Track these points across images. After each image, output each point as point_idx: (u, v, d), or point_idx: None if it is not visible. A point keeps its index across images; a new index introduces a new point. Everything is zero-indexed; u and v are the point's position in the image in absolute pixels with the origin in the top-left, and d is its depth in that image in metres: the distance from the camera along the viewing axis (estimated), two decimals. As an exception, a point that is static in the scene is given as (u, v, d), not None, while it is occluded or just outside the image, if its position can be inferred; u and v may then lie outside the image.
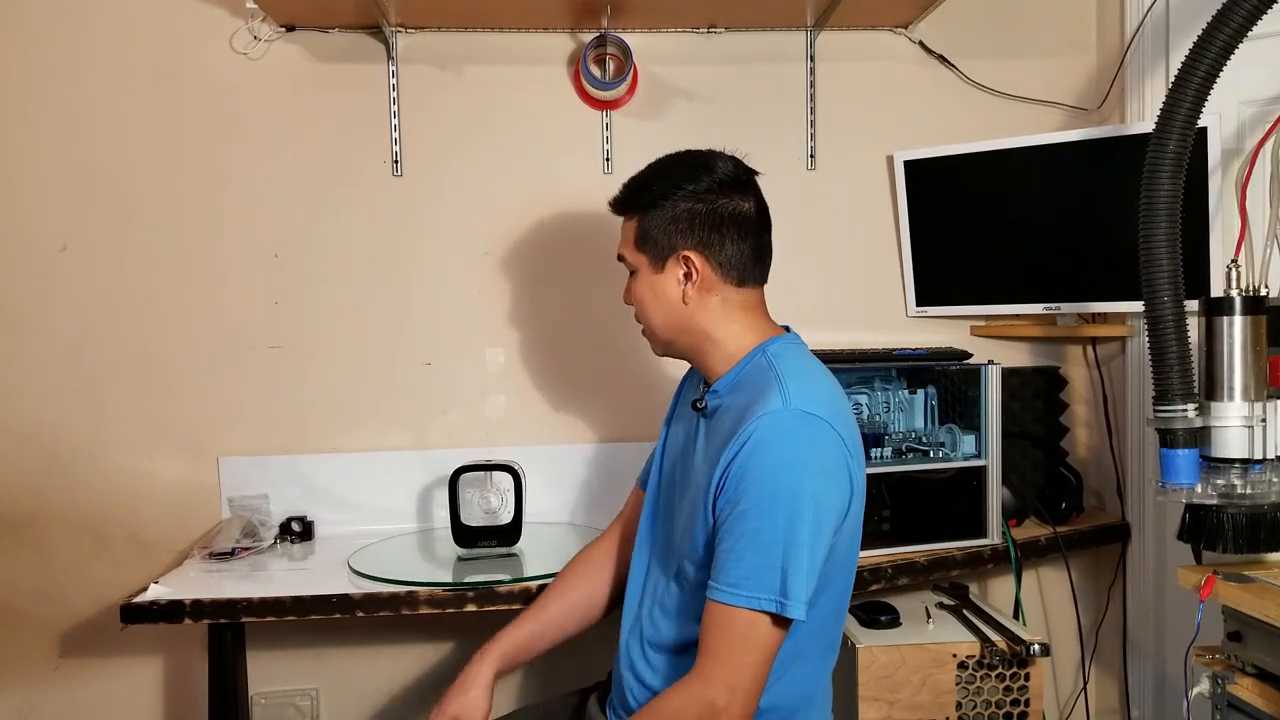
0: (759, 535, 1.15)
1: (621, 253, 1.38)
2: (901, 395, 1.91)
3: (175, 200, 2.04)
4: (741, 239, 1.32)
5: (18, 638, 2.04)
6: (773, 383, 1.22)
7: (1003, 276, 2.09)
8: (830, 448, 1.19)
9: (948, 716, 1.66)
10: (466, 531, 1.80)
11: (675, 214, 1.31)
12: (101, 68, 2.02)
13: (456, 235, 2.10)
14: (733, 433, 1.20)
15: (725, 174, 1.33)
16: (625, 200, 1.37)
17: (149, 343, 2.05)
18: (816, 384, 1.26)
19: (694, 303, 1.31)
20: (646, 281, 1.34)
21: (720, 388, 1.31)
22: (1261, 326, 1.30)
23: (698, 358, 1.36)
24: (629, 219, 1.36)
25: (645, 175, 1.37)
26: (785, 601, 1.14)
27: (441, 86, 2.09)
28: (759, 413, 1.18)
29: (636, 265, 1.35)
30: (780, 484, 1.16)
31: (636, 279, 1.36)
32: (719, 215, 1.31)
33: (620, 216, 1.39)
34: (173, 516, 2.05)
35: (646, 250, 1.33)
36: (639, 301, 1.36)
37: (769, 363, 1.27)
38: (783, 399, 1.19)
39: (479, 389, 2.12)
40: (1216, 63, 1.30)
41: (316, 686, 2.11)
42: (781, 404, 1.18)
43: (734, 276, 1.32)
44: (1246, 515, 1.30)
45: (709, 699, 1.15)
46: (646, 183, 1.35)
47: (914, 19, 2.12)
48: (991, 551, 1.81)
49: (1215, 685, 1.31)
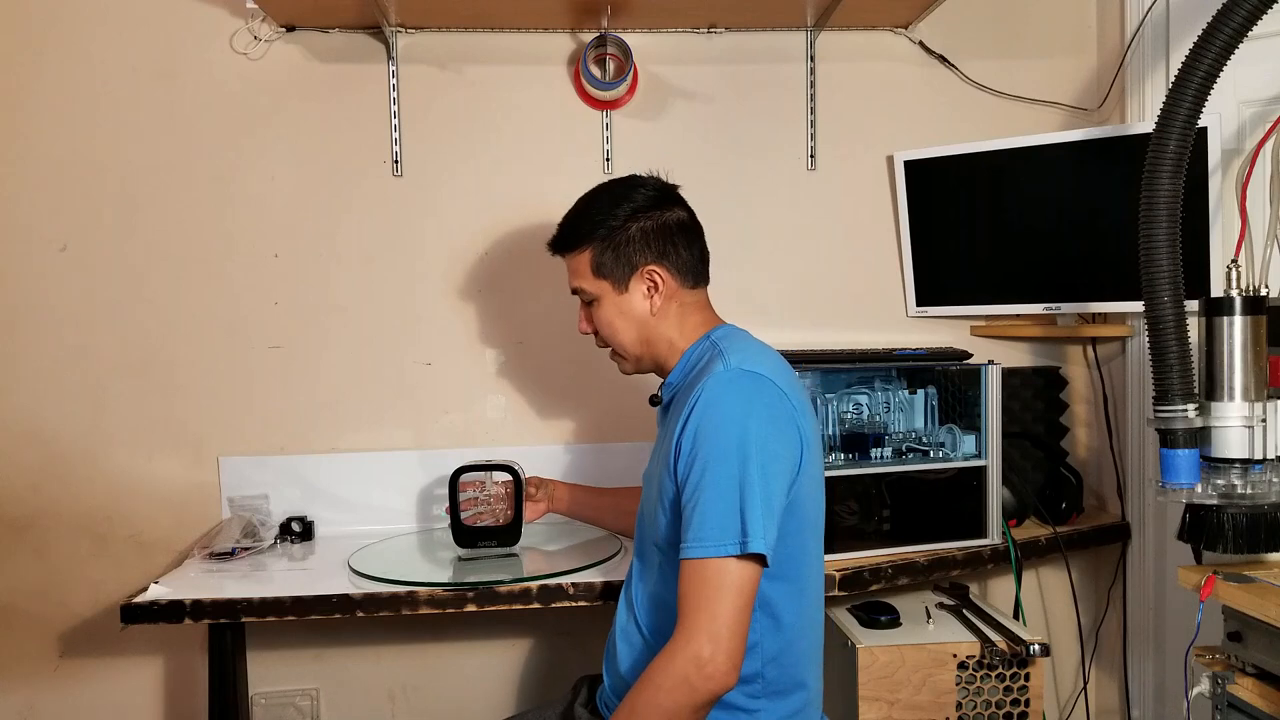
0: (714, 486, 1.21)
1: (578, 285, 1.44)
2: (901, 395, 1.91)
3: (175, 200, 2.04)
4: (689, 244, 1.43)
5: (18, 638, 2.04)
6: (716, 356, 1.33)
7: (1003, 276, 2.09)
8: (772, 398, 1.27)
9: (948, 717, 1.66)
10: (466, 532, 1.79)
11: (628, 236, 1.40)
12: (101, 68, 2.02)
13: (456, 235, 2.10)
14: (683, 408, 1.29)
15: (655, 189, 1.43)
16: (569, 238, 1.44)
17: (149, 342, 2.05)
18: (758, 352, 1.35)
19: (659, 313, 1.42)
20: (612, 305, 1.42)
21: (673, 379, 1.43)
22: (1261, 326, 1.30)
23: (661, 364, 1.45)
24: (577, 254, 1.43)
25: (581, 210, 1.44)
26: (746, 540, 1.18)
27: (441, 86, 2.09)
28: (704, 381, 1.28)
29: (598, 293, 1.42)
30: (727, 434, 1.23)
31: (599, 306, 1.43)
32: (667, 226, 1.41)
33: (563, 255, 1.46)
34: (173, 516, 2.05)
35: (607, 276, 1.41)
36: (606, 326, 1.44)
37: (713, 344, 1.38)
38: (723, 364, 1.29)
39: (479, 389, 2.12)
40: (1216, 63, 1.30)
41: (316, 686, 2.11)
42: (722, 367, 1.29)
43: (689, 280, 1.43)
44: (1246, 515, 1.30)
45: (693, 652, 1.16)
46: (586, 216, 1.42)
47: (914, 19, 2.12)
48: (991, 551, 1.81)
49: (1215, 685, 1.31)
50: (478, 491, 1.82)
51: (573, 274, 1.45)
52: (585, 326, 1.49)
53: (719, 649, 1.16)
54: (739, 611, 1.18)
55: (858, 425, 1.86)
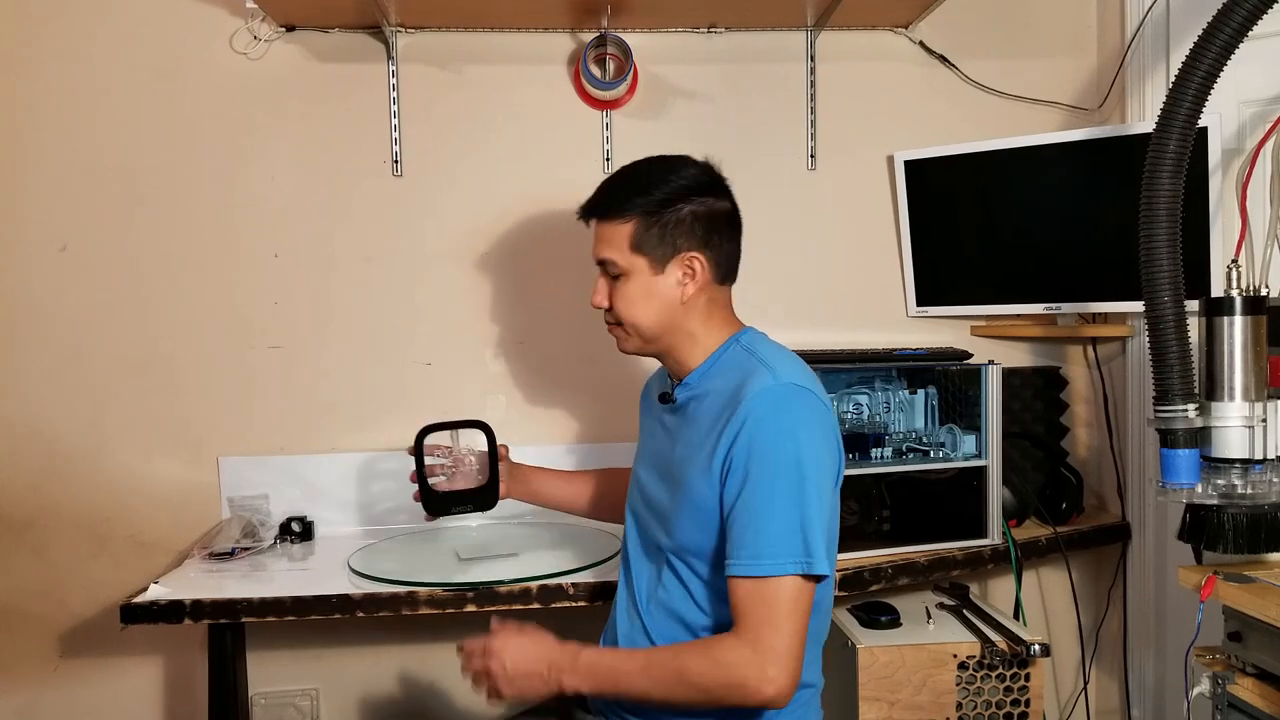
0: (773, 504, 1.20)
1: (609, 257, 1.35)
2: (902, 395, 1.91)
3: (175, 200, 2.04)
4: (732, 238, 1.39)
5: (18, 638, 2.04)
6: (757, 366, 1.29)
7: (1003, 276, 2.09)
8: (821, 414, 1.28)
9: (948, 717, 1.66)
10: (437, 498, 1.63)
11: (678, 217, 1.33)
12: (101, 67, 2.02)
13: (456, 235, 2.10)
14: (723, 417, 1.26)
15: (709, 174, 1.38)
16: (611, 204, 1.35)
17: (149, 343, 2.05)
18: (795, 363, 1.33)
19: (688, 303, 1.36)
20: (642, 284, 1.35)
21: (692, 380, 1.37)
22: (1262, 326, 1.30)
23: (673, 354, 1.39)
24: (616, 222, 1.34)
25: (630, 178, 1.37)
26: (810, 560, 1.19)
27: (441, 86, 2.09)
28: (751, 393, 1.24)
29: (629, 269, 1.34)
30: (784, 452, 1.21)
31: (626, 281, 1.35)
32: (716, 215, 1.36)
33: (598, 221, 1.37)
34: (173, 516, 2.05)
35: (646, 253, 1.34)
36: (628, 304, 1.36)
37: (746, 351, 1.34)
38: (772, 376, 1.26)
39: (479, 389, 2.12)
40: (1216, 63, 1.30)
41: (316, 686, 2.11)
42: (773, 380, 1.25)
43: (721, 275, 1.38)
44: (1247, 515, 1.30)
45: (760, 664, 1.17)
46: (636, 185, 1.35)
47: (914, 19, 2.12)
48: (992, 551, 1.81)
49: (1215, 685, 1.31)
50: (445, 456, 1.68)
51: (604, 243, 1.36)
52: (601, 300, 1.39)
53: (783, 671, 1.17)
54: (801, 631, 1.20)
55: (858, 425, 1.86)
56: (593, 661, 1.28)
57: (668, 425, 1.41)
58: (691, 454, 1.31)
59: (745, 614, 1.20)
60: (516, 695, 1.30)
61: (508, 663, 1.28)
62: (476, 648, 1.32)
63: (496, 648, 1.30)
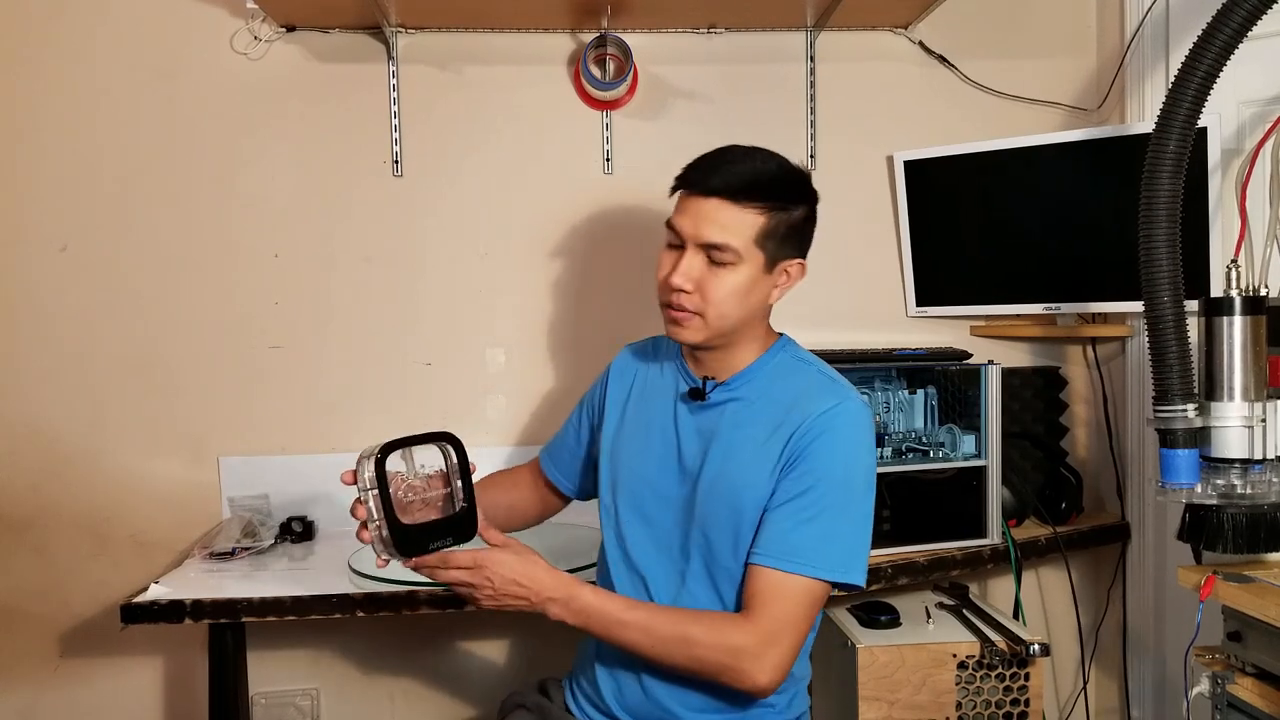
0: (838, 516, 1.24)
1: (726, 242, 1.25)
2: (901, 395, 1.91)
3: (175, 200, 2.04)
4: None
5: (18, 638, 2.04)
6: (822, 379, 1.32)
7: (1003, 276, 2.09)
8: (873, 433, 1.31)
9: (948, 716, 1.66)
10: (412, 535, 1.25)
11: (803, 220, 1.32)
12: (102, 68, 2.02)
13: (456, 235, 2.10)
14: (788, 424, 1.26)
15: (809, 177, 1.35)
16: (751, 188, 1.25)
17: (149, 343, 2.05)
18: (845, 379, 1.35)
19: (771, 308, 1.35)
20: (748, 279, 1.27)
21: (736, 382, 1.34)
22: (1261, 326, 1.30)
23: (727, 351, 1.34)
24: (745, 207, 1.25)
25: (774, 170, 1.29)
26: (850, 572, 1.24)
27: (441, 86, 2.09)
28: (828, 403, 1.26)
29: (746, 260, 1.26)
30: (857, 470, 1.26)
31: (729, 271, 1.26)
32: (812, 229, 1.36)
33: (720, 199, 1.25)
34: (173, 516, 2.05)
35: (768, 249, 1.27)
36: (724, 294, 1.27)
37: (799, 360, 1.36)
38: (845, 390, 1.30)
39: (479, 389, 2.12)
40: (1216, 63, 1.30)
41: (316, 686, 2.11)
42: (847, 394, 1.29)
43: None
44: (1246, 515, 1.30)
45: (762, 655, 1.20)
46: (779, 178, 1.29)
47: (914, 19, 2.12)
48: (991, 551, 1.81)
49: (1215, 685, 1.31)
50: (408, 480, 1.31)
51: (720, 226, 1.25)
52: (683, 281, 1.26)
53: (779, 667, 1.21)
54: (806, 633, 1.26)
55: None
56: (589, 604, 1.25)
57: (694, 421, 1.36)
58: (737, 454, 1.29)
59: (763, 604, 1.21)
60: (497, 608, 1.27)
61: (495, 580, 1.23)
62: (465, 560, 1.24)
63: (487, 562, 1.23)
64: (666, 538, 1.36)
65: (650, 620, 1.25)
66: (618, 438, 1.44)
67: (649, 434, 1.41)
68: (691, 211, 1.27)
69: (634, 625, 1.24)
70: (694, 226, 1.27)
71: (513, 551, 1.26)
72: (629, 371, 1.50)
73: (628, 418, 1.45)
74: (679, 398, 1.38)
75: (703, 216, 1.26)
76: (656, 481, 1.38)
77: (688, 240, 1.28)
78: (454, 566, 1.24)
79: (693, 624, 1.24)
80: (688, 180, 1.30)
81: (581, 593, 1.25)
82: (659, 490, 1.37)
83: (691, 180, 1.29)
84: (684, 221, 1.28)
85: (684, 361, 1.41)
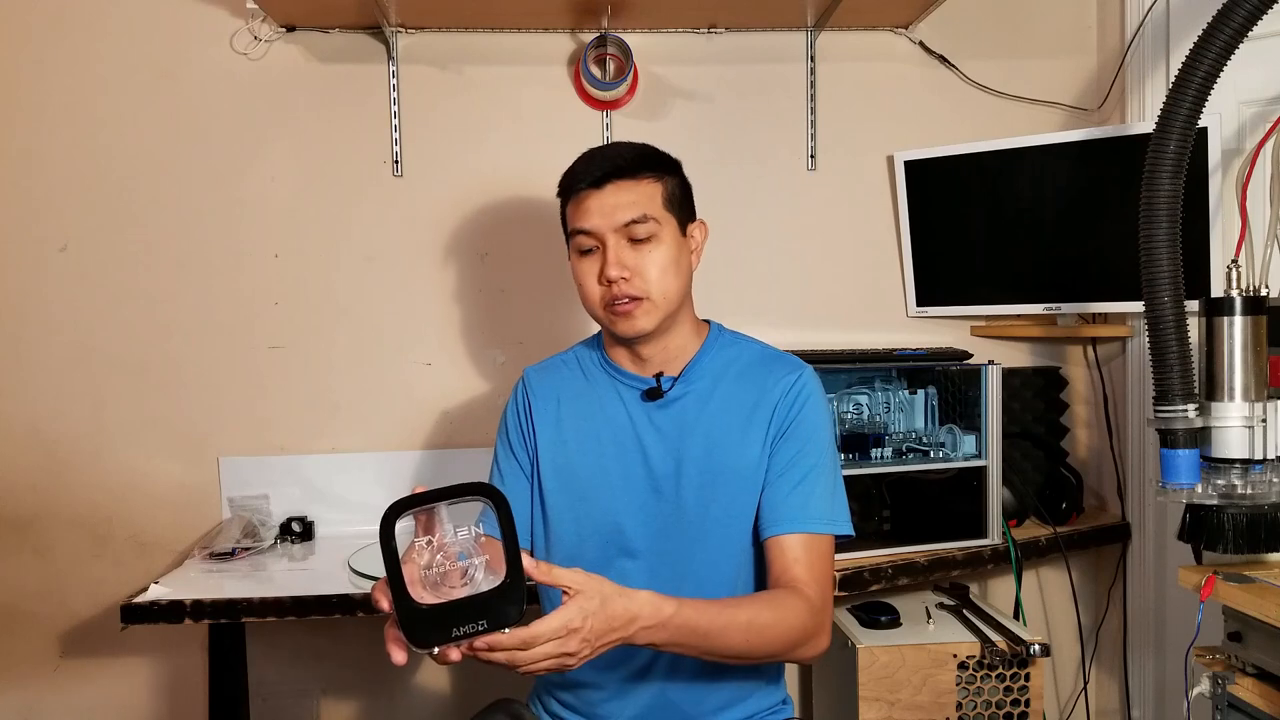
0: (829, 474, 1.29)
1: (645, 214, 1.26)
2: (902, 395, 1.91)
3: (175, 200, 2.04)
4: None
5: (18, 638, 2.04)
6: (760, 349, 1.37)
7: (1003, 276, 2.09)
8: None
9: (948, 717, 1.66)
10: (431, 618, 0.93)
11: (683, 184, 1.35)
12: (102, 68, 2.02)
13: (456, 235, 2.10)
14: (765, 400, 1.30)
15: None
16: (642, 162, 1.29)
17: (149, 342, 2.05)
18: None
19: (691, 275, 1.35)
20: (671, 247, 1.28)
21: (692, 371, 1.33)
22: (1261, 326, 1.30)
23: (669, 336, 1.32)
24: (648, 180, 1.28)
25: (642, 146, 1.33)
26: (848, 523, 1.30)
27: (441, 86, 2.09)
28: (794, 371, 1.32)
29: (662, 225, 1.27)
30: (827, 429, 1.32)
31: (655, 244, 1.27)
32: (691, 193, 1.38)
33: (624, 180, 1.27)
34: (173, 516, 2.05)
35: (676, 212, 1.31)
36: (659, 270, 1.26)
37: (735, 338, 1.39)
38: (792, 357, 1.36)
39: (479, 389, 2.12)
40: (1216, 63, 1.30)
41: (316, 686, 2.11)
42: (798, 361, 1.35)
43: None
44: (1247, 515, 1.30)
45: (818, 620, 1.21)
46: (653, 150, 1.33)
47: (914, 19, 2.12)
48: (992, 552, 1.81)
49: (1215, 685, 1.31)
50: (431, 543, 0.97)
51: (630, 202, 1.26)
52: (619, 270, 1.25)
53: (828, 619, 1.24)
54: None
55: (858, 425, 1.86)
56: (689, 618, 1.08)
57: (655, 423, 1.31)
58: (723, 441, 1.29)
59: (806, 569, 1.23)
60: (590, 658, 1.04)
61: (592, 637, 1.00)
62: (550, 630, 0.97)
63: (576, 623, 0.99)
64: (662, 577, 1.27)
65: (752, 616, 1.15)
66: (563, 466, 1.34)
67: (601, 454, 1.32)
68: (595, 207, 1.28)
69: (715, 632, 1.11)
70: (606, 216, 1.27)
71: (592, 593, 1.01)
72: (548, 394, 1.38)
73: (569, 441, 1.35)
74: (634, 403, 1.32)
75: (609, 203, 1.27)
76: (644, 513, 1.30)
77: (605, 233, 1.27)
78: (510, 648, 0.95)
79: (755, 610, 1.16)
80: (577, 181, 1.30)
81: (680, 610, 1.08)
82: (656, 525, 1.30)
83: (580, 179, 1.29)
84: (592, 219, 1.28)
85: (615, 367, 1.35)
